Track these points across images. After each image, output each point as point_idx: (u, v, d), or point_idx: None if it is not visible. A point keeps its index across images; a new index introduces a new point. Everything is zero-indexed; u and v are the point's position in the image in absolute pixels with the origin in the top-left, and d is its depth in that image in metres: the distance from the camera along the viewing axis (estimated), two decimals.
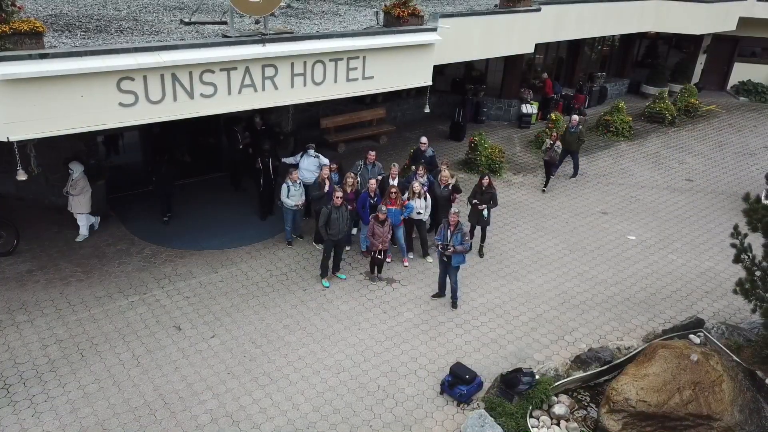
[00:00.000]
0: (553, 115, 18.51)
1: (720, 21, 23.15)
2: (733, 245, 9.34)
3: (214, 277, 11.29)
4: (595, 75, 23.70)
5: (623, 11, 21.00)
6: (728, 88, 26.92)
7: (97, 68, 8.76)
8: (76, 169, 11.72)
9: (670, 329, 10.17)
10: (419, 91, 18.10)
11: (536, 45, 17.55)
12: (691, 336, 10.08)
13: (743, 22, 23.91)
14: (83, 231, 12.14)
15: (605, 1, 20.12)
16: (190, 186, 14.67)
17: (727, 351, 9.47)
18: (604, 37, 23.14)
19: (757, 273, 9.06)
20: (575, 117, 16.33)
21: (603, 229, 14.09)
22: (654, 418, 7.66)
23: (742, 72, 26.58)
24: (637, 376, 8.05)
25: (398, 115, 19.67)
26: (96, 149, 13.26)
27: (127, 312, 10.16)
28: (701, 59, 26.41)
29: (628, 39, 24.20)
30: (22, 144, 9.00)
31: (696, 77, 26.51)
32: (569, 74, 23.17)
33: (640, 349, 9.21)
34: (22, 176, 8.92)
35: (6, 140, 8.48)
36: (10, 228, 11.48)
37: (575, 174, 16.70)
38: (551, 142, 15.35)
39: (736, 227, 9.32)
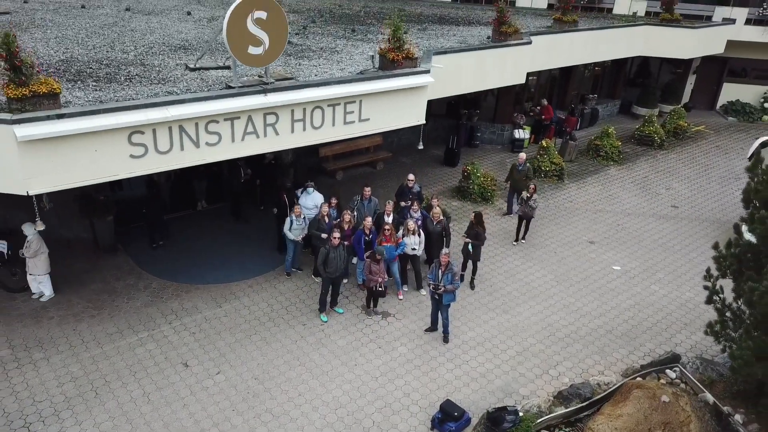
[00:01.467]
0: (544, 142, 19.12)
1: (708, 45, 23.79)
2: (705, 287, 9.97)
3: (218, 312, 11.92)
4: (587, 97, 24.33)
5: (613, 37, 21.64)
6: (717, 107, 27.56)
7: (110, 125, 9.38)
8: (29, 232, 11.51)
9: (648, 364, 10.79)
10: None
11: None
12: (668, 371, 10.69)
13: (731, 44, 24.55)
14: (47, 291, 12.00)
15: (595, 29, 20.80)
16: (193, 216, 15.31)
17: (700, 386, 10.10)
18: None
19: (728, 314, 9.68)
20: (522, 155, 16.18)
21: (590, 259, 14.72)
22: None
23: (730, 92, 27.22)
24: (612, 416, 8.69)
25: (394, 140, 20.28)
26: (104, 185, 13.85)
27: (137, 348, 10.78)
28: (691, 80, 27.06)
29: (619, 60, 24.83)
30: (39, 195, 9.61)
31: (686, 97, 27.16)
32: (561, 96, 23.80)
33: (617, 386, 9.83)
34: (41, 227, 9.54)
35: (26, 194, 9.11)
36: (24, 265, 12.06)
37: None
38: (528, 195, 14.69)
39: (708, 270, 9.95)
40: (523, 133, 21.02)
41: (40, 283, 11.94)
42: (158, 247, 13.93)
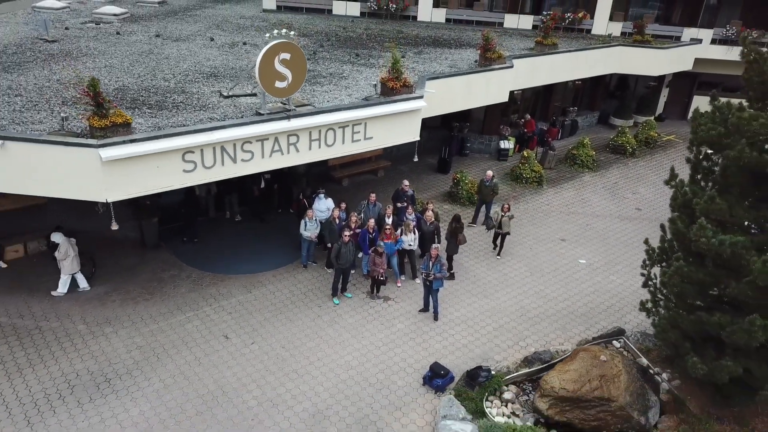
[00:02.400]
0: (525, 153, 21.71)
1: (677, 62, 26.37)
2: (642, 274, 12.54)
3: (249, 297, 14.50)
4: (568, 109, 26.92)
5: (590, 57, 24.19)
6: (688, 118, 30.13)
7: (169, 147, 11.98)
8: (59, 239, 13.78)
9: (598, 336, 13.39)
10: None
11: None
12: (614, 341, 13.29)
13: (700, 61, 27.10)
14: (61, 288, 13.99)
15: (573, 51, 23.39)
16: (223, 219, 17.90)
17: (638, 352, 12.69)
18: None
19: (658, 295, 12.23)
20: (489, 172, 18.26)
21: (560, 254, 17.30)
22: (570, 401, 10.85)
23: (701, 104, 29.54)
24: (562, 371, 11.26)
25: (393, 150, 22.68)
26: None
27: (186, 324, 13.36)
28: (665, 92, 29.65)
29: (598, 75, 27.36)
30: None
31: (660, 108, 29.75)
32: (544, 109, 26.38)
33: (570, 352, 12.41)
34: (114, 227, 12.09)
35: (105, 201, 11.71)
36: (88, 258, 14.64)
37: (489, 223, 17.27)
38: (502, 213, 16.28)
39: (644, 261, 12.51)
40: (507, 144, 23.61)
41: (63, 282, 14.01)
42: (188, 242, 16.47)
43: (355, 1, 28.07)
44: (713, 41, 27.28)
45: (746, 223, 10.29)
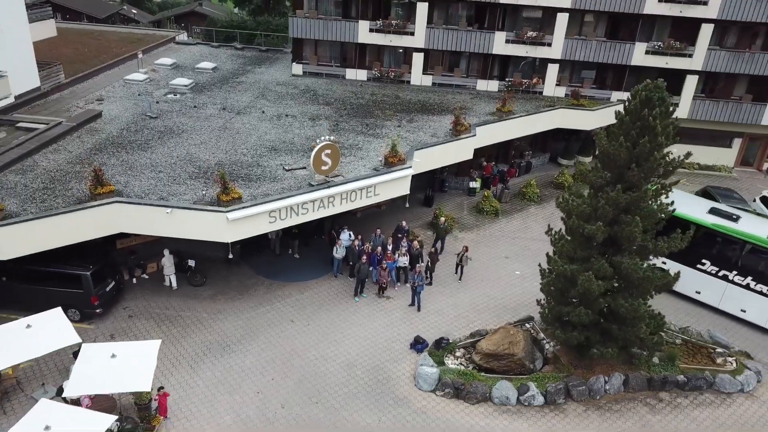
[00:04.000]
0: (485, 192, 30.39)
1: (605, 118, 34.73)
2: (543, 275, 21.17)
3: (302, 296, 23.17)
4: (524, 153, 35.56)
5: (539, 119, 32.79)
6: None
7: (263, 210, 20.62)
8: (166, 260, 22.62)
9: (517, 321, 22.06)
10: None
11: None
12: (526, 324, 21.96)
13: None
14: (174, 284, 23.10)
15: (525, 116, 32.00)
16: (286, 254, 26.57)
17: (540, 331, 21.37)
18: None
19: (544, 297, 20.82)
20: (442, 219, 26.68)
21: (503, 267, 25.98)
22: (492, 356, 19.50)
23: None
24: (489, 340, 19.92)
25: None
26: None
27: (266, 314, 22.02)
28: None
29: None
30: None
31: (597, 150, 38.34)
32: (504, 154, 34.97)
33: (495, 329, 21.11)
34: (230, 256, 20.73)
35: (228, 242, 20.38)
36: (201, 270, 23.24)
37: (442, 251, 26.05)
38: (463, 253, 24.65)
39: (540, 265, 21.13)
40: (475, 183, 32.24)
41: (168, 277, 22.94)
42: (261, 257, 25.14)
43: (363, 69, 36.61)
44: None
45: (582, 257, 18.94)
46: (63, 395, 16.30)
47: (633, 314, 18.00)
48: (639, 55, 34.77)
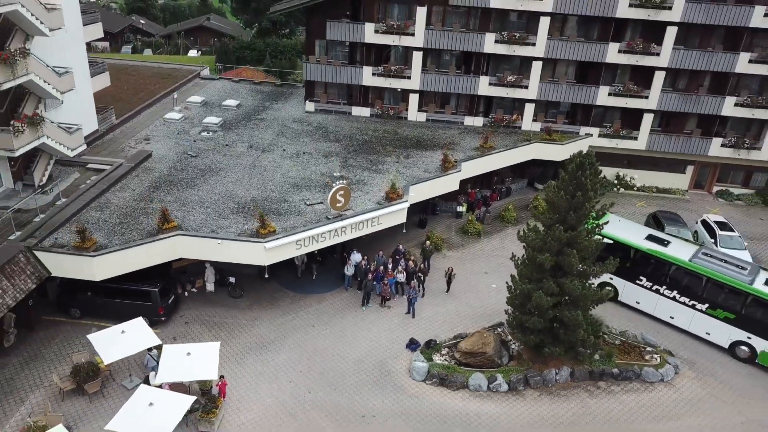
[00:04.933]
0: (470, 217, 36.26)
1: (572, 150, 40.62)
2: (509, 290, 27.03)
3: (320, 306, 29.03)
4: (505, 179, 41.42)
5: (516, 152, 38.65)
6: None
7: (292, 240, 26.47)
8: (209, 272, 28.76)
9: (490, 326, 27.92)
10: None
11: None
12: (498, 329, 27.82)
13: (593, 146, 41.48)
14: (211, 288, 29.09)
15: (502, 150, 37.85)
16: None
17: (508, 334, 27.22)
18: None
19: (510, 308, 26.65)
20: (427, 242, 32.66)
21: (483, 282, 31.83)
22: (468, 353, 25.34)
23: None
24: (467, 341, 25.78)
25: None
26: None
27: (292, 321, 27.88)
28: None
29: None
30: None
31: None
32: (488, 181, 40.77)
33: (472, 333, 26.97)
34: (266, 275, 26.58)
35: (264, 264, 26.25)
36: (239, 285, 29.06)
37: (429, 268, 32.37)
38: (449, 271, 30.76)
39: (507, 283, 27.01)
40: (461, 208, 38.08)
41: (209, 283, 28.84)
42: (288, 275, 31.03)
43: (366, 107, 42.42)
44: (600, 135, 41.80)
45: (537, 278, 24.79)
46: (150, 383, 22.12)
47: (574, 322, 23.86)
48: (603, 96, 40.63)
